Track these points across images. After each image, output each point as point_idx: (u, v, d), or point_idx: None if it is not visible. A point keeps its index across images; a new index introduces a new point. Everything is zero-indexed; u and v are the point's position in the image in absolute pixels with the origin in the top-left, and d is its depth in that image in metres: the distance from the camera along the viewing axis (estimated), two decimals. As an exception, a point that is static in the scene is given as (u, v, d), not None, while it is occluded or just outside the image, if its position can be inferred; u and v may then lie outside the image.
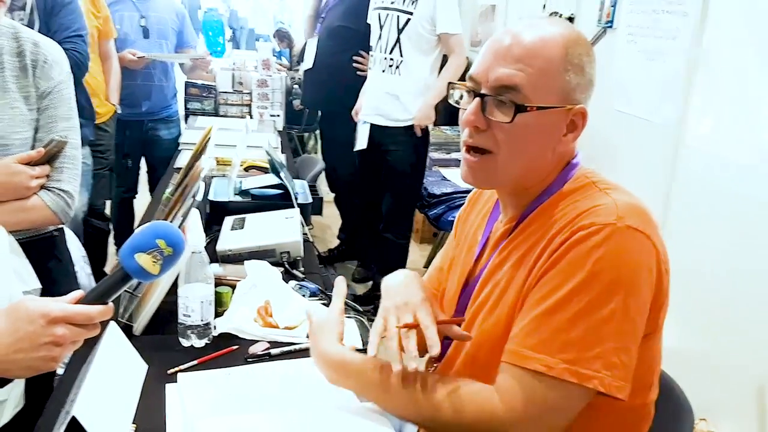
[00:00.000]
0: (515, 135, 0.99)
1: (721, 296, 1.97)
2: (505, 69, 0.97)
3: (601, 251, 0.90)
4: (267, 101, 4.02)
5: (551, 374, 0.90)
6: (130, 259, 0.90)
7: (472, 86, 1.02)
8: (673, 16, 2.28)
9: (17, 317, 0.90)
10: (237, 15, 10.69)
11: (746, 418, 1.87)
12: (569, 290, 0.91)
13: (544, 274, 0.95)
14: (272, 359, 1.32)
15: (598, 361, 0.89)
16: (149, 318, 1.38)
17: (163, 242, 0.91)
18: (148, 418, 1.10)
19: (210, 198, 2.08)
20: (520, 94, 0.97)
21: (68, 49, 2.37)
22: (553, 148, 1.03)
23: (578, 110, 1.01)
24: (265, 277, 1.58)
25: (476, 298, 1.09)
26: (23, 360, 0.89)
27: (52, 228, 1.53)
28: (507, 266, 1.04)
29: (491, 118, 0.99)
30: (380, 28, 3.11)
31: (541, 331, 0.92)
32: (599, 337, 0.89)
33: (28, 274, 1.34)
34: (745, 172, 1.91)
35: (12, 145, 1.38)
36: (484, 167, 1.02)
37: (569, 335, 0.90)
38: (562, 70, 0.98)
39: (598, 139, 2.57)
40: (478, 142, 1.01)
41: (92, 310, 0.91)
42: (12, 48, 1.42)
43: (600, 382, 0.89)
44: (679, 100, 2.22)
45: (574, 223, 0.95)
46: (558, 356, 0.90)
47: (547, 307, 0.92)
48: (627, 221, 0.92)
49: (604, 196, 0.98)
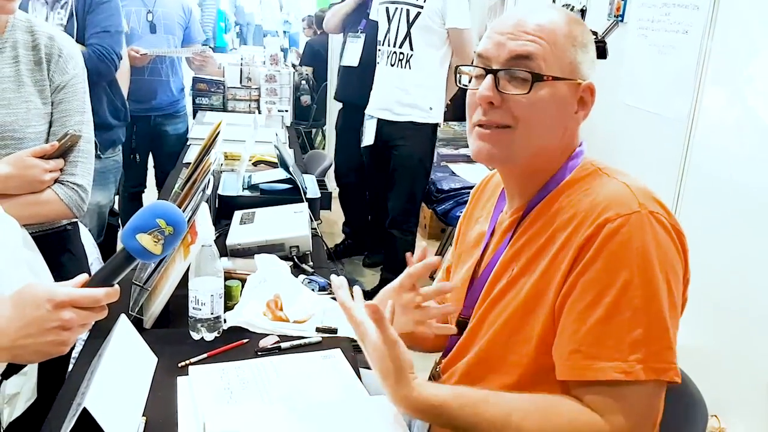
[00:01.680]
0: (532, 107, 0.98)
1: (733, 292, 1.96)
2: (518, 42, 0.98)
3: (638, 242, 0.90)
4: (275, 96, 4.02)
5: (631, 378, 0.89)
6: (131, 239, 0.91)
7: (481, 64, 1.02)
8: (685, 10, 2.26)
9: (23, 303, 0.90)
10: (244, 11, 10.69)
11: (758, 415, 1.85)
12: (619, 289, 0.90)
13: (581, 275, 0.93)
14: (282, 353, 1.32)
15: (667, 351, 0.90)
16: (159, 311, 1.38)
17: (163, 222, 0.91)
18: (158, 410, 1.11)
19: (219, 192, 2.08)
20: (534, 63, 0.97)
21: (93, 44, 2.39)
22: (566, 126, 1.03)
23: (587, 86, 1.02)
24: (274, 271, 1.58)
25: (489, 293, 1.07)
26: (32, 345, 0.90)
27: (65, 222, 1.54)
28: (521, 261, 1.03)
29: (506, 92, 0.98)
30: (388, 21, 3.09)
31: (606, 338, 0.90)
32: (662, 328, 0.90)
33: (41, 268, 1.35)
34: (757, 167, 1.89)
35: (26, 139, 1.38)
36: (501, 140, 1.01)
37: (633, 335, 0.89)
38: (569, 45, 1.00)
39: (608, 133, 2.55)
40: (493, 119, 1.00)
41: (98, 292, 0.91)
42: (27, 41, 1.42)
43: (675, 372, 0.91)
44: (690, 94, 2.20)
45: (596, 215, 0.94)
46: (631, 359, 0.89)
47: (603, 313, 0.91)
48: (649, 207, 0.93)
49: (614, 181, 0.99)
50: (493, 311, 1.05)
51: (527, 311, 0.99)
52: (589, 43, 1.03)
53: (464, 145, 4.17)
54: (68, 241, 1.57)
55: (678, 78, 2.28)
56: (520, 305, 1.00)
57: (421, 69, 3.08)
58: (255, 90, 4.04)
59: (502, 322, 1.02)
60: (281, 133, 3.32)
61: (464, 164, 3.84)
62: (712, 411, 1.18)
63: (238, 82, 4.05)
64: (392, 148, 3.21)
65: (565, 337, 0.94)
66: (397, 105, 3.13)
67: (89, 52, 2.37)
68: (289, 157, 2.43)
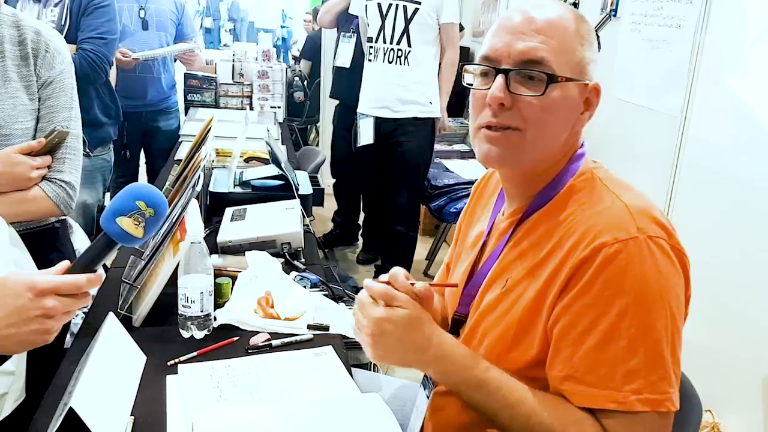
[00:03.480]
0: (545, 109, 0.95)
1: (727, 287, 1.96)
2: (529, 42, 0.94)
3: (635, 269, 0.88)
4: (268, 93, 4.00)
5: (625, 409, 0.87)
6: (111, 223, 0.89)
7: (489, 64, 0.98)
8: (678, 4, 2.26)
9: (4, 293, 0.89)
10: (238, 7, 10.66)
11: (751, 409, 1.86)
12: (616, 317, 0.88)
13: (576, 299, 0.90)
14: (273, 350, 1.31)
15: (664, 382, 0.88)
16: (149, 309, 1.37)
17: (143, 204, 0.90)
18: (147, 409, 1.09)
19: (210, 189, 2.07)
20: (546, 67, 0.94)
21: (85, 49, 2.37)
22: (572, 127, 1.01)
23: (594, 86, 1.00)
24: (266, 267, 1.56)
25: (482, 299, 1.05)
26: (16, 335, 0.89)
27: (53, 219, 1.52)
28: (516, 272, 1.00)
29: (519, 94, 0.95)
30: (382, 18, 3.08)
31: (600, 366, 0.88)
32: (658, 358, 0.88)
33: (28, 267, 1.33)
34: (750, 161, 1.89)
35: (13, 135, 1.37)
36: (511, 144, 0.97)
37: (629, 364, 0.87)
38: (577, 43, 0.97)
39: (600, 128, 2.55)
40: (503, 121, 0.96)
41: (80, 278, 0.90)
42: (13, 37, 1.40)
43: (671, 402, 0.88)
44: (684, 88, 2.20)
45: (592, 238, 0.91)
46: (624, 389, 0.87)
47: (599, 340, 0.89)
48: (647, 231, 0.90)
49: (613, 198, 0.95)
50: (486, 320, 1.03)
51: (523, 329, 0.97)
52: (594, 41, 1.00)
53: (458, 141, 4.16)
54: (56, 239, 1.56)
55: (671, 72, 2.28)
56: (516, 321, 0.98)
57: (419, 65, 3.08)
58: (247, 86, 4.02)
59: (497, 335, 1.00)
60: (273, 129, 3.30)
61: (458, 160, 3.84)
62: (706, 405, 1.18)
63: (230, 79, 4.03)
64: (394, 146, 3.19)
65: (559, 361, 0.92)
66: (397, 102, 3.12)
67: (81, 57, 2.35)
68: (281, 153, 2.41)
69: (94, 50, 2.39)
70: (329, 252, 4.00)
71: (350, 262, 3.97)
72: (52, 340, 0.92)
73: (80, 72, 2.43)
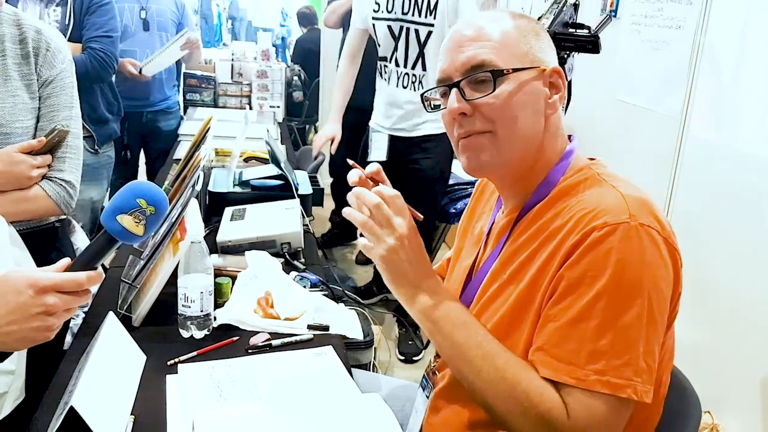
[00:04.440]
0: (505, 105, 0.99)
1: (726, 288, 1.96)
2: (467, 51, 1.00)
3: (619, 253, 0.88)
4: (267, 92, 4.00)
5: (582, 386, 0.88)
6: (112, 221, 0.90)
7: (443, 85, 1.03)
8: (678, 5, 2.26)
9: (5, 290, 0.89)
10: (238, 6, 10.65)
11: (750, 410, 1.86)
12: (592, 297, 0.89)
13: (561, 279, 0.92)
14: (273, 350, 1.31)
15: (628, 368, 0.88)
16: (148, 309, 1.37)
17: (143, 201, 0.90)
18: (147, 409, 1.09)
19: (210, 189, 2.06)
20: (489, 66, 0.98)
21: (94, 48, 2.39)
22: (545, 114, 1.02)
23: (552, 70, 1.02)
24: (265, 267, 1.56)
25: (482, 295, 1.06)
26: (18, 332, 0.89)
27: (53, 219, 1.52)
28: (513, 266, 1.02)
29: (473, 99, 0.99)
30: (394, 40, 2.91)
31: (569, 342, 0.90)
32: (627, 344, 0.88)
33: (28, 266, 1.33)
34: (750, 163, 1.89)
35: (13, 134, 1.36)
36: (485, 145, 1.01)
37: (596, 345, 0.88)
38: (519, 36, 1.01)
39: (601, 128, 2.55)
40: (470, 128, 1.01)
41: (80, 276, 0.90)
42: (14, 35, 1.40)
43: (633, 390, 0.88)
44: (684, 89, 2.20)
45: (585, 223, 0.92)
46: (588, 367, 0.88)
47: (572, 317, 0.90)
48: (639, 218, 0.90)
49: (609, 188, 0.96)
50: (484, 315, 1.04)
51: (515, 318, 0.98)
52: (540, 30, 1.04)
53: (457, 141, 4.16)
54: (57, 238, 1.56)
55: (671, 73, 2.28)
56: (509, 310, 0.99)
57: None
58: (246, 86, 4.02)
59: (491, 326, 1.00)
60: (273, 129, 3.30)
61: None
62: (705, 407, 1.18)
63: (229, 78, 4.03)
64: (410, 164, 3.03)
65: (537, 336, 0.95)
66: (413, 122, 2.98)
67: (90, 57, 2.37)
68: (281, 153, 2.41)
69: (103, 49, 2.40)
70: (327, 252, 4.00)
71: (349, 262, 3.97)
72: (52, 337, 0.92)
73: (92, 71, 2.44)
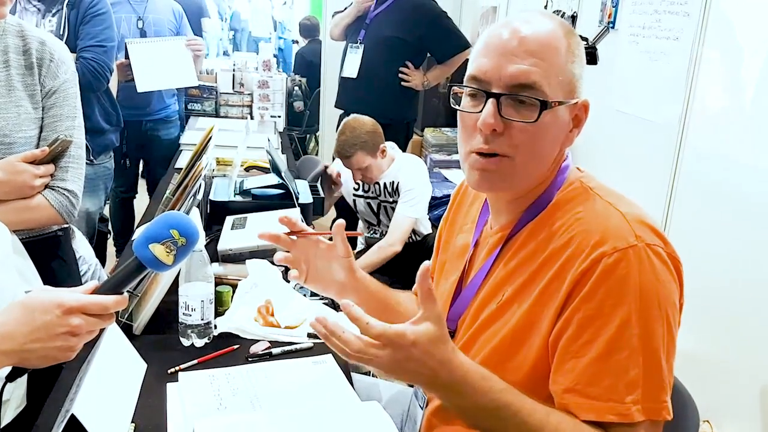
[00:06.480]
0: (536, 135, 0.93)
1: (725, 297, 1.96)
2: (520, 65, 0.91)
3: (636, 278, 0.88)
4: (268, 102, 4.01)
5: (626, 421, 0.87)
6: (144, 249, 0.91)
7: (479, 87, 0.94)
8: (676, 17, 2.28)
9: (33, 308, 0.90)
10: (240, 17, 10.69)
11: (749, 420, 1.86)
12: (618, 327, 0.87)
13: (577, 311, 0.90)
14: (273, 359, 1.31)
15: (661, 391, 0.89)
16: (149, 317, 1.37)
17: (176, 232, 0.91)
18: (147, 417, 1.10)
19: (211, 198, 2.07)
20: (538, 92, 0.91)
21: (86, 57, 2.39)
22: (561, 146, 1.00)
23: (582, 103, 0.98)
24: (266, 276, 1.57)
25: (479, 314, 1.03)
26: (40, 349, 0.90)
27: (56, 228, 1.52)
28: (514, 285, 0.99)
29: (510, 119, 0.92)
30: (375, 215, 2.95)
31: (604, 378, 0.88)
32: (656, 367, 0.88)
33: (31, 274, 1.34)
34: (747, 172, 1.90)
35: (16, 144, 1.38)
36: (501, 171, 0.95)
37: (630, 375, 0.87)
38: (568, 61, 0.94)
39: (600, 139, 2.56)
40: (495, 148, 0.94)
41: (107, 300, 0.92)
42: (18, 46, 1.41)
43: (666, 411, 0.88)
44: (681, 100, 2.21)
45: (591, 248, 0.90)
46: (627, 400, 0.87)
47: (602, 351, 0.88)
48: (645, 239, 0.90)
49: (607, 206, 0.95)
50: (483, 335, 1.01)
51: (518, 339, 0.96)
52: (582, 54, 0.97)
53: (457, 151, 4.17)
54: (59, 247, 1.56)
55: (669, 84, 2.29)
56: (510, 332, 0.97)
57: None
58: (247, 96, 4.04)
59: (492, 347, 0.99)
60: (273, 138, 3.32)
61: (457, 170, 3.85)
62: (703, 416, 1.18)
63: (230, 88, 4.05)
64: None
65: (561, 374, 0.91)
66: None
67: (82, 66, 2.36)
68: (282, 162, 2.43)
69: (95, 58, 2.41)
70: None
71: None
72: (73, 357, 0.94)
73: (83, 80, 2.43)
